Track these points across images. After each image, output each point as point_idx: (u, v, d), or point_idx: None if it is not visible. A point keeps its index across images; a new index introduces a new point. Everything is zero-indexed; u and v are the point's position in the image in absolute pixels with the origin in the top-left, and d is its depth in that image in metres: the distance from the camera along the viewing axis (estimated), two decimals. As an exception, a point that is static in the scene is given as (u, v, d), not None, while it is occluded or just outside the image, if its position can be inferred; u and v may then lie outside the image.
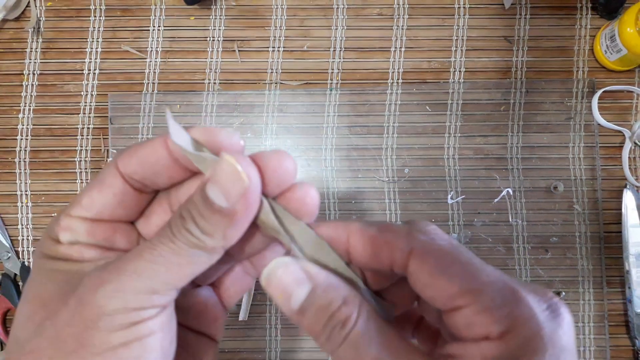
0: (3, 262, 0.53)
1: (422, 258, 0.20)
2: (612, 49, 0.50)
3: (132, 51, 0.54)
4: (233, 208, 0.19)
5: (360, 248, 0.21)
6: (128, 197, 0.21)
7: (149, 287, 0.19)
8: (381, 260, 0.21)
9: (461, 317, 0.19)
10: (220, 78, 0.54)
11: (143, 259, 0.19)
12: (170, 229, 0.19)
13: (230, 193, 0.19)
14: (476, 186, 0.52)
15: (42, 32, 0.55)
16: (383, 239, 0.21)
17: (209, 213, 0.19)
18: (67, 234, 0.21)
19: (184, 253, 0.19)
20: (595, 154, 0.52)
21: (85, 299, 0.19)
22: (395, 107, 0.53)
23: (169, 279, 0.19)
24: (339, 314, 0.20)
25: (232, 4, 0.54)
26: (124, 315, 0.19)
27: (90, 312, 0.18)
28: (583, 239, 0.52)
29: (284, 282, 0.20)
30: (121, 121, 0.53)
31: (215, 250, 0.20)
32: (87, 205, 0.21)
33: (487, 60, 0.54)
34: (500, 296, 0.19)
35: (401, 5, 0.54)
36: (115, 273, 0.19)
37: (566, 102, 0.53)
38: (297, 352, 0.52)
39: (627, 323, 0.51)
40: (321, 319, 0.20)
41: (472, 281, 0.19)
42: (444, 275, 0.19)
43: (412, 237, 0.21)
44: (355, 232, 0.22)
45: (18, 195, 0.53)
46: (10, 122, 0.54)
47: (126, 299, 0.19)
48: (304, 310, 0.20)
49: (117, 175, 0.21)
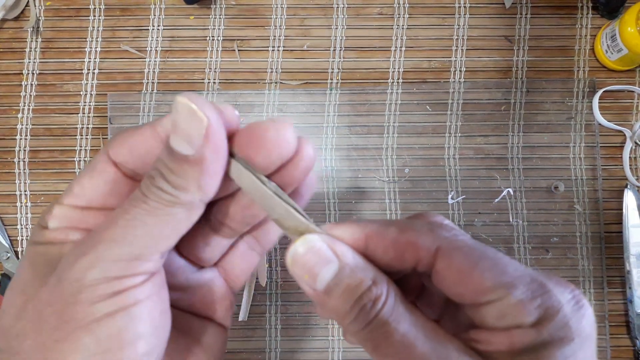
0: (2, 262, 0.52)
1: (450, 256, 0.20)
2: (613, 49, 0.50)
3: (131, 51, 0.54)
4: (199, 153, 0.18)
5: (381, 250, 0.20)
6: (120, 185, 0.21)
7: (129, 253, 0.18)
8: (405, 261, 0.20)
9: (492, 309, 0.19)
10: (219, 77, 0.54)
11: (117, 225, 0.18)
12: (140, 190, 0.19)
13: (191, 136, 0.18)
14: (477, 186, 0.52)
15: (41, 31, 0.54)
16: (405, 239, 0.20)
17: (175, 165, 0.18)
18: (55, 221, 0.20)
19: (159, 212, 0.18)
20: (596, 153, 0.52)
21: (63, 275, 0.18)
22: (396, 107, 0.53)
23: (149, 242, 0.19)
24: (369, 293, 0.19)
25: (232, 4, 0.54)
26: (105, 285, 0.18)
27: (69, 287, 0.18)
28: (584, 239, 0.52)
29: (310, 262, 0.20)
30: (120, 121, 0.53)
31: (193, 205, 0.19)
32: (78, 193, 0.20)
33: (488, 59, 0.54)
34: (531, 289, 0.19)
35: (401, 5, 0.54)
36: (91, 244, 0.18)
37: (567, 101, 0.53)
38: (297, 353, 0.52)
39: (627, 323, 0.51)
40: (349, 299, 0.19)
41: (503, 275, 0.19)
42: (475, 272, 0.19)
43: (436, 234, 0.20)
44: (374, 234, 0.21)
45: (17, 195, 0.53)
46: (9, 122, 0.54)
47: (106, 267, 0.18)
48: (330, 291, 0.19)
49: (108, 162, 0.20)
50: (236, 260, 0.24)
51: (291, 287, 0.52)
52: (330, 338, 0.52)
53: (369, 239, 0.21)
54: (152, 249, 0.19)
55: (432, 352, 0.19)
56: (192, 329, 0.23)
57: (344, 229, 0.21)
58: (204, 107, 0.18)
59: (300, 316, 0.52)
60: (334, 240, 0.20)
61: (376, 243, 0.21)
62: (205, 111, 0.18)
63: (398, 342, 0.19)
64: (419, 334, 0.19)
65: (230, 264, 0.24)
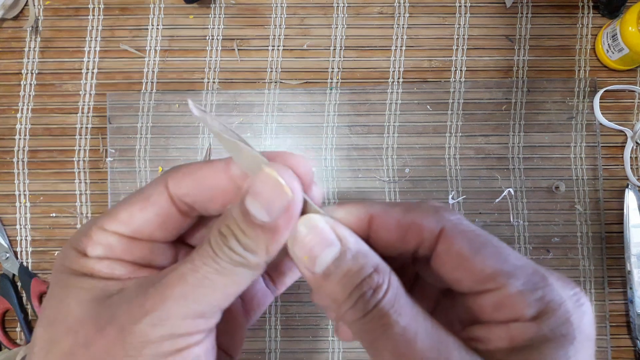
0: (2, 263, 0.52)
1: (453, 238, 0.19)
2: (614, 48, 0.50)
3: (130, 50, 0.54)
4: (275, 223, 0.18)
5: (384, 230, 0.20)
6: (172, 219, 0.20)
7: (196, 312, 0.18)
8: (407, 242, 0.20)
9: (490, 299, 0.19)
10: (219, 77, 0.54)
11: (188, 282, 0.18)
12: (211, 247, 0.18)
13: (272, 207, 0.18)
14: (477, 186, 0.52)
15: (40, 31, 0.54)
16: (410, 219, 0.20)
17: (250, 229, 0.18)
18: (98, 248, 0.19)
19: (227, 272, 0.18)
20: (597, 153, 0.52)
21: (127, 328, 0.17)
22: (396, 107, 0.53)
23: (215, 300, 0.18)
24: (370, 280, 0.18)
25: (232, 3, 0.54)
26: (170, 342, 0.18)
27: (134, 341, 0.17)
28: (584, 239, 0.52)
29: (311, 242, 0.19)
30: (120, 121, 0.53)
31: (258, 267, 0.19)
32: (125, 221, 0.19)
33: (489, 59, 0.53)
34: (532, 280, 0.18)
35: (402, 4, 0.54)
36: (159, 299, 0.18)
37: (568, 101, 0.52)
38: (297, 353, 0.51)
39: (628, 324, 0.51)
40: (347, 285, 0.19)
41: (504, 264, 0.19)
42: (476, 257, 0.19)
43: (441, 216, 0.20)
44: (379, 214, 0.20)
45: (16, 195, 0.53)
46: (8, 122, 0.54)
47: (173, 325, 0.18)
48: (329, 274, 0.19)
49: (164, 194, 0.20)
50: (255, 292, 0.25)
51: (291, 287, 0.52)
52: (331, 339, 0.51)
53: (373, 218, 0.20)
54: (216, 307, 0.19)
55: (432, 349, 0.18)
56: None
57: (348, 209, 0.20)
58: (292, 182, 0.18)
59: (300, 316, 0.52)
60: (337, 223, 0.20)
61: (380, 222, 0.20)
62: (292, 186, 0.18)
63: (397, 335, 0.18)
64: (419, 329, 0.18)
65: (250, 294, 0.24)
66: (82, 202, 0.53)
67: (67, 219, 0.53)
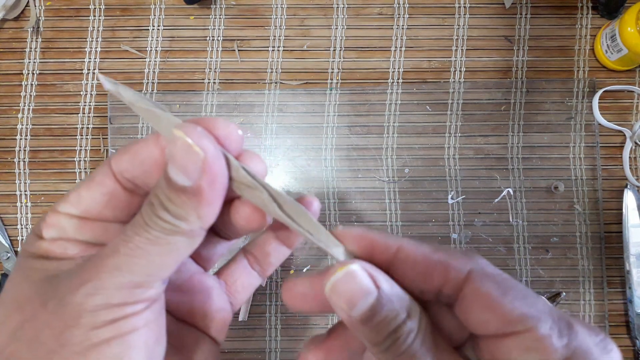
0: (2, 262, 0.52)
1: (481, 280, 0.20)
2: (613, 49, 0.50)
3: (131, 51, 0.54)
4: (197, 185, 0.18)
5: (411, 263, 0.20)
6: (118, 197, 0.21)
7: (131, 281, 0.18)
8: (431, 280, 0.20)
9: (518, 342, 0.19)
10: (219, 78, 0.54)
11: (120, 253, 0.18)
12: (142, 217, 0.19)
13: (187, 169, 0.18)
14: (476, 186, 0.52)
15: (41, 31, 0.54)
16: (438, 257, 0.20)
17: (174, 195, 0.18)
18: (51, 230, 0.20)
19: (161, 241, 0.19)
20: (596, 153, 0.52)
21: (65, 299, 0.18)
22: (396, 107, 0.53)
23: (151, 270, 0.19)
24: (405, 327, 0.19)
25: (232, 4, 0.54)
26: (106, 311, 0.18)
27: (71, 311, 0.18)
28: (584, 239, 0.52)
29: (350, 291, 0.19)
30: (121, 121, 0.53)
31: (194, 233, 0.19)
32: (74, 202, 0.20)
33: (488, 59, 0.54)
34: (559, 325, 0.18)
35: (401, 5, 0.54)
36: (95, 270, 0.18)
37: (567, 101, 0.53)
38: (297, 353, 0.51)
39: (627, 323, 0.51)
40: (384, 330, 0.19)
41: (532, 307, 0.19)
42: (505, 299, 0.19)
43: (469, 259, 0.20)
44: (407, 247, 0.20)
45: (17, 195, 0.53)
46: (9, 122, 0.54)
47: (108, 295, 0.18)
48: (367, 320, 0.19)
49: (108, 173, 0.20)
50: (237, 274, 0.25)
51: (291, 287, 0.52)
52: (330, 338, 0.52)
53: (400, 250, 0.20)
54: (154, 277, 0.19)
55: None
56: (186, 345, 0.23)
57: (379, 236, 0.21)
58: (201, 140, 0.18)
59: (300, 316, 0.52)
60: (373, 269, 0.20)
61: (407, 255, 0.20)
62: (202, 144, 0.18)
63: None
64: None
65: (232, 277, 0.25)
66: (82, 202, 0.53)
67: (68, 218, 0.53)
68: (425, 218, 0.52)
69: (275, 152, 0.53)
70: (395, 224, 0.52)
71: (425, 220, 0.52)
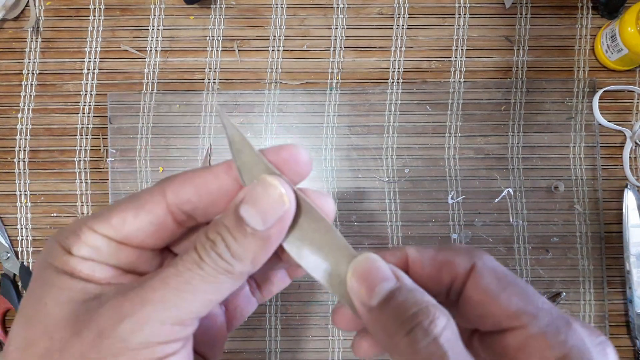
0: (2, 263, 0.52)
1: (482, 275, 0.20)
2: (613, 49, 0.50)
3: (131, 51, 0.54)
4: (268, 232, 0.18)
5: (420, 267, 0.21)
6: (166, 228, 0.20)
7: (176, 317, 0.18)
8: (442, 278, 0.21)
9: (515, 338, 0.19)
10: (219, 77, 0.54)
11: (170, 287, 0.18)
12: (197, 252, 0.18)
13: (268, 216, 0.18)
14: (477, 186, 0.52)
15: (41, 31, 0.54)
16: (443, 256, 0.21)
17: (241, 236, 0.18)
18: (84, 249, 0.19)
19: (210, 279, 0.18)
20: (596, 153, 0.52)
21: (105, 332, 0.17)
22: (396, 107, 0.53)
23: (195, 307, 0.18)
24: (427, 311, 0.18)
25: (232, 4, 0.54)
26: (148, 350, 0.17)
27: (111, 347, 0.17)
28: (584, 239, 0.52)
29: (371, 274, 0.20)
30: (120, 121, 0.53)
31: (241, 276, 0.19)
32: (116, 225, 0.19)
33: (488, 59, 0.54)
34: (555, 324, 0.19)
35: (401, 5, 0.54)
36: (139, 303, 0.17)
37: (567, 101, 0.53)
38: (297, 353, 0.51)
39: (627, 323, 0.51)
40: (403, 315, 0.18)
41: (529, 304, 0.19)
42: (503, 294, 0.19)
43: (472, 254, 0.21)
44: (414, 254, 0.21)
45: (17, 195, 0.53)
46: (9, 122, 0.54)
47: (152, 332, 0.17)
48: (383, 306, 0.19)
49: (161, 203, 0.19)
50: (239, 300, 0.24)
51: (291, 287, 0.52)
52: (330, 338, 0.52)
53: (408, 257, 0.21)
54: (196, 314, 0.18)
55: None
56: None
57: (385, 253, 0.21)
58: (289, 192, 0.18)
59: (300, 316, 0.52)
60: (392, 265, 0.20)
61: (415, 260, 0.21)
62: (290, 197, 0.18)
63: None
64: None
65: (233, 303, 0.24)
66: (82, 202, 0.53)
67: (68, 219, 0.53)
68: (425, 218, 0.52)
69: (275, 152, 0.53)
70: (395, 224, 0.52)
71: (425, 220, 0.52)
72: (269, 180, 0.18)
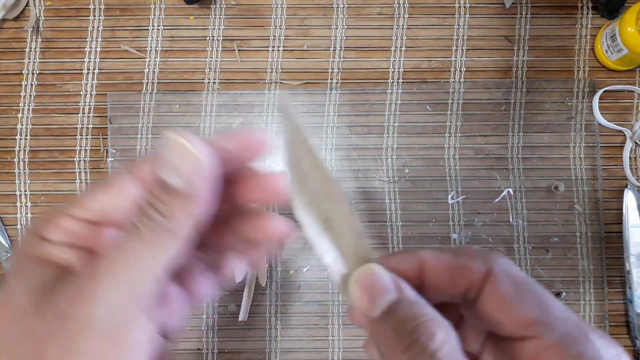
0: (2, 262, 0.52)
1: (499, 280, 0.20)
2: (613, 49, 0.50)
3: (131, 51, 0.54)
4: (191, 188, 0.19)
5: (436, 273, 0.21)
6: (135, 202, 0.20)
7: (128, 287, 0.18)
8: (458, 284, 0.21)
9: (529, 347, 0.19)
10: (219, 77, 0.54)
11: (113, 259, 0.19)
12: (133, 222, 0.19)
13: (183, 172, 0.19)
14: (477, 186, 0.52)
15: (41, 31, 0.54)
16: (459, 261, 0.21)
17: (166, 196, 0.19)
18: (57, 233, 0.20)
19: (151, 244, 0.19)
20: (596, 153, 0.52)
21: (66, 311, 0.18)
22: (396, 107, 0.53)
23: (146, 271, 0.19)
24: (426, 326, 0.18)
25: (232, 4, 0.54)
26: (108, 320, 0.18)
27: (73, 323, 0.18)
28: (584, 239, 0.52)
29: (373, 286, 0.20)
30: (120, 121, 0.53)
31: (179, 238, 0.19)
32: (88, 206, 0.20)
33: (488, 59, 0.54)
34: (572, 334, 0.18)
35: (401, 5, 0.54)
36: (92, 279, 0.18)
37: (567, 101, 0.53)
38: (297, 353, 0.51)
39: (627, 323, 0.51)
40: (401, 329, 0.19)
41: (546, 313, 0.19)
42: (519, 301, 0.19)
43: (489, 259, 0.21)
44: (429, 258, 0.21)
45: (17, 195, 0.53)
46: (9, 122, 0.54)
47: (108, 302, 0.18)
48: (384, 318, 0.19)
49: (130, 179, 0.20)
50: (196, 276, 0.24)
51: (291, 287, 0.52)
52: (330, 338, 0.52)
53: (424, 262, 0.21)
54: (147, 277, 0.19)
55: None
56: None
57: (400, 257, 0.21)
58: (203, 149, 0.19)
59: (300, 316, 0.52)
60: (396, 276, 0.21)
61: (431, 266, 0.21)
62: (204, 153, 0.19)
63: None
64: None
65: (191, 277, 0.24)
66: (82, 202, 0.53)
67: (68, 218, 0.53)
68: (425, 218, 0.52)
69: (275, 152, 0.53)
70: (395, 224, 0.52)
71: (425, 220, 0.52)
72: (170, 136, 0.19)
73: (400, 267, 0.21)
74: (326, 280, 0.52)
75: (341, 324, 0.51)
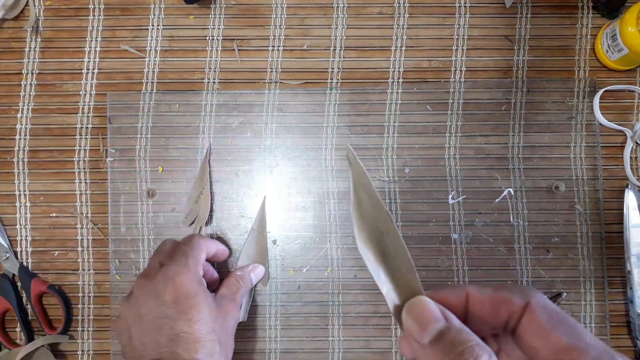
0: (2, 263, 0.52)
1: (536, 311, 0.23)
2: (614, 49, 0.50)
3: (131, 50, 0.54)
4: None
5: (479, 304, 0.24)
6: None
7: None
8: (500, 314, 0.24)
9: None
10: (219, 77, 0.54)
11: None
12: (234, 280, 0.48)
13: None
14: (477, 186, 0.52)
15: (40, 31, 0.54)
16: (501, 295, 0.24)
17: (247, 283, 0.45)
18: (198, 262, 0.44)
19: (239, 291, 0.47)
20: (597, 153, 0.52)
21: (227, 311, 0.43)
22: (396, 107, 0.53)
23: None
24: (472, 350, 0.21)
25: (232, 3, 0.54)
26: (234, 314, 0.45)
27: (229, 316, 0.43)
28: (584, 239, 0.52)
29: (424, 315, 0.23)
30: (120, 121, 0.53)
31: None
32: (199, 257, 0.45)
33: (488, 59, 0.53)
34: (602, 358, 0.21)
35: (402, 4, 0.54)
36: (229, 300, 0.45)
37: (567, 101, 0.53)
38: (297, 353, 0.51)
39: (628, 324, 0.51)
40: (451, 352, 0.21)
41: (578, 340, 0.21)
42: (554, 330, 0.22)
43: (527, 293, 0.24)
44: (474, 292, 0.24)
45: (16, 195, 0.53)
46: (8, 122, 0.54)
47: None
48: (435, 343, 0.22)
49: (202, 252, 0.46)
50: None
51: (291, 287, 0.52)
52: (330, 338, 0.51)
53: (469, 295, 0.24)
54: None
55: None
56: None
57: (447, 291, 0.25)
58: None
59: (300, 316, 0.52)
60: (444, 308, 0.24)
61: (475, 298, 0.24)
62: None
63: None
64: None
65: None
66: (82, 202, 0.53)
67: (67, 219, 0.53)
68: (425, 218, 0.52)
69: (275, 152, 0.53)
70: (396, 224, 0.52)
71: (426, 220, 0.52)
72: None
73: (447, 299, 0.24)
74: (326, 280, 0.52)
75: (341, 325, 0.51)
